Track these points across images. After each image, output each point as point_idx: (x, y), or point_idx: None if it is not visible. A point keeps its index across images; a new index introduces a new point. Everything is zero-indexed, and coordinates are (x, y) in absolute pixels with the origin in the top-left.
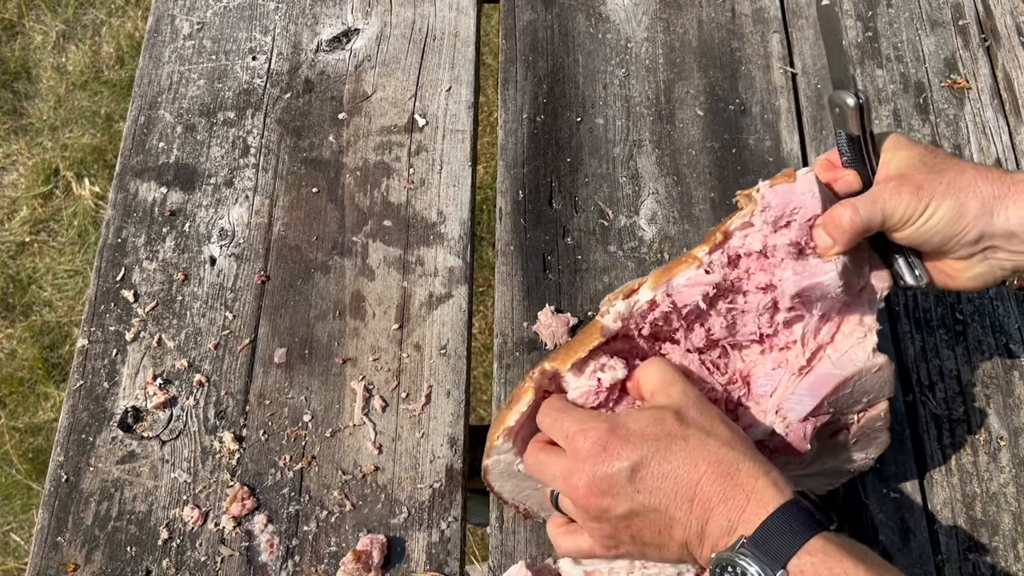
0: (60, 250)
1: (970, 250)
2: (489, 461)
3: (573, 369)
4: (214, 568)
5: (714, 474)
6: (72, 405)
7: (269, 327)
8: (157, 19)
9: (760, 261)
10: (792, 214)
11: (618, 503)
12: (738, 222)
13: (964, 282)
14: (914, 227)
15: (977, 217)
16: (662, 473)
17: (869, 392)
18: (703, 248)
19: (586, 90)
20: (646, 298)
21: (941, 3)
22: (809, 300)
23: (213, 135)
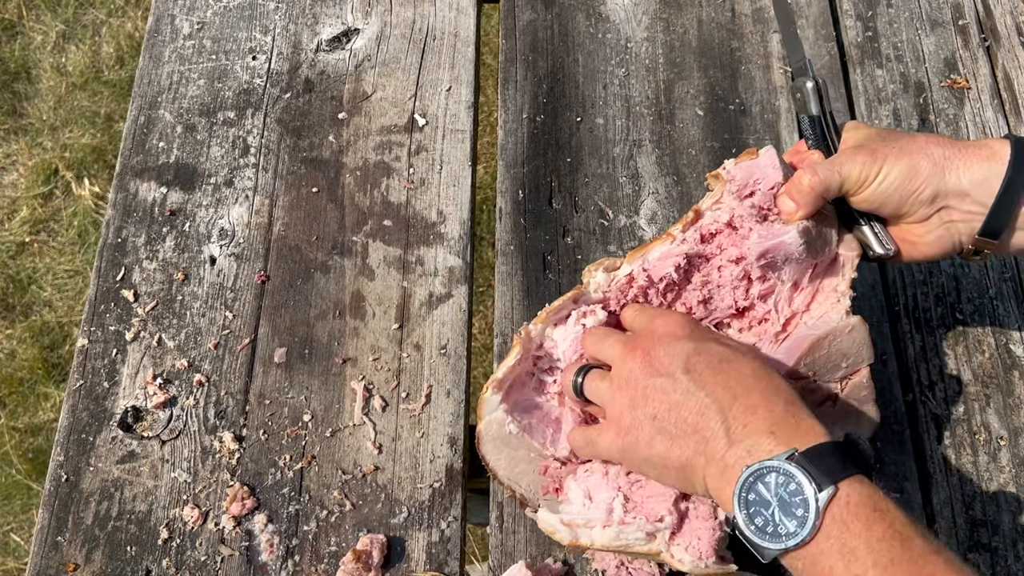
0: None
1: (927, 211)
2: (482, 424)
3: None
4: (214, 568)
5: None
6: (72, 405)
7: (269, 327)
8: (157, 19)
9: (731, 236)
10: (755, 184)
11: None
12: (709, 201)
13: (925, 248)
14: (871, 189)
15: (929, 176)
16: (720, 368)
17: (847, 355)
18: (677, 227)
19: (586, 90)
20: (624, 272)
21: (941, 3)
22: (775, 264)
23: (213, 135)
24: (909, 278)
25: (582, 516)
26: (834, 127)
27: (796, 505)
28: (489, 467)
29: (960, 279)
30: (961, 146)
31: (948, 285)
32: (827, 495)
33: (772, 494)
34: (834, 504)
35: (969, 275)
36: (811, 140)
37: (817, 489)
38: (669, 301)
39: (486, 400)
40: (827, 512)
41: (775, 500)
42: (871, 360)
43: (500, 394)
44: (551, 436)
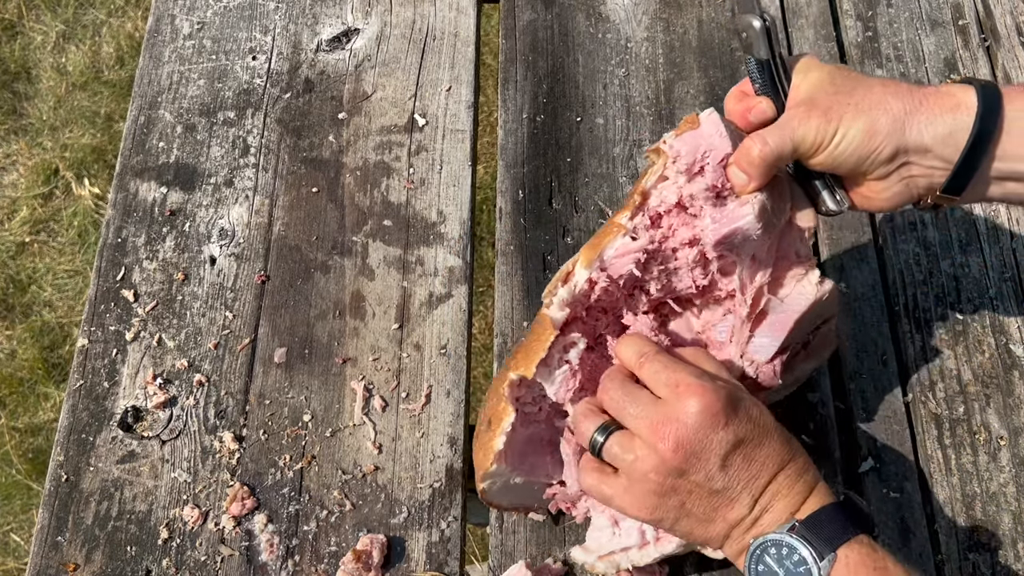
0: (60, 250)
1: (886, 168)
2: (485, 484)
3: (540, 369)
4: (214, 568)
5: (791, 470)
6: (72, 405)
7: (269, 327)
8: (157, 19)
9: (681, 216)
10: (704, 158)
11: (699, 469)
12: (652, 179)
13: (880, 203)
14: (827, 152)
15: (889, 134)
16: (753, 457)
17: (822, 314)
18: (624, 214)
19: (586, 90)
20: (583, 278)
21: (941, 3)
22: (733, 246)
23: (213, 135)
24: (909, 278)
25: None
26: (784, 70)
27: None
28: (493, 505)
29: (960, 279)
30: (921, 96)
31: (948, 285)
32: (828, 563)
33: (778, 565)
34: (836, 570)
35: (969, 275)
36: (758, 85)
37: (818, 558)
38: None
39: (490, 471)
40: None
41: (782, 571)
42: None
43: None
44: (550, 464)
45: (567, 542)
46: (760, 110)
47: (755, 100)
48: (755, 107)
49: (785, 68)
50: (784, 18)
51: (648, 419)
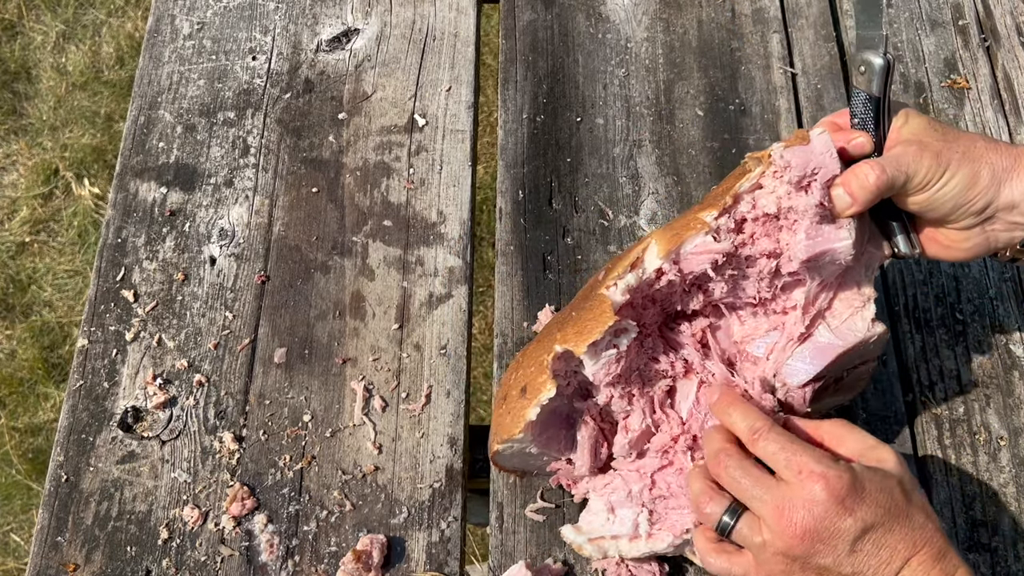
0: (60, 250)
1: (974, 220)
2: (502, 447)
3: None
4: (214, 568)
5: (926, 555)
6: (72, 405)
7: (269, 327)
8: (157, 19)
9: (766, 227)
10: (813, 174)
11: (827, 554)
12: (747, 184)
13: (959, 253)
14: (930, 192)
15: (987, 187)
16: (883, 543)
17: (864, 355)
18: (710, 212)
19: (586, 90)
20: (653, 267)
21: (941, 3)
22: (816, 266)
23: (213, 135)
24: (909, 278)
25: (607, 530)
26: (888, 112)
27: None
28: (499, 467)
29: (960, 279)
30: (1016, 155)
31: (948, 285)
32: None
33: None
34: None
35: (969, 275)
36: (858, 119)
37: None
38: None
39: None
40: None
41: None
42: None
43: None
44: (563, 440)
45: (567, 542)
46: (860, 144)
47: (853, 134)
48: (855, 140)
49: (890, 111)
50: (784, 18)
51: (773, 504)
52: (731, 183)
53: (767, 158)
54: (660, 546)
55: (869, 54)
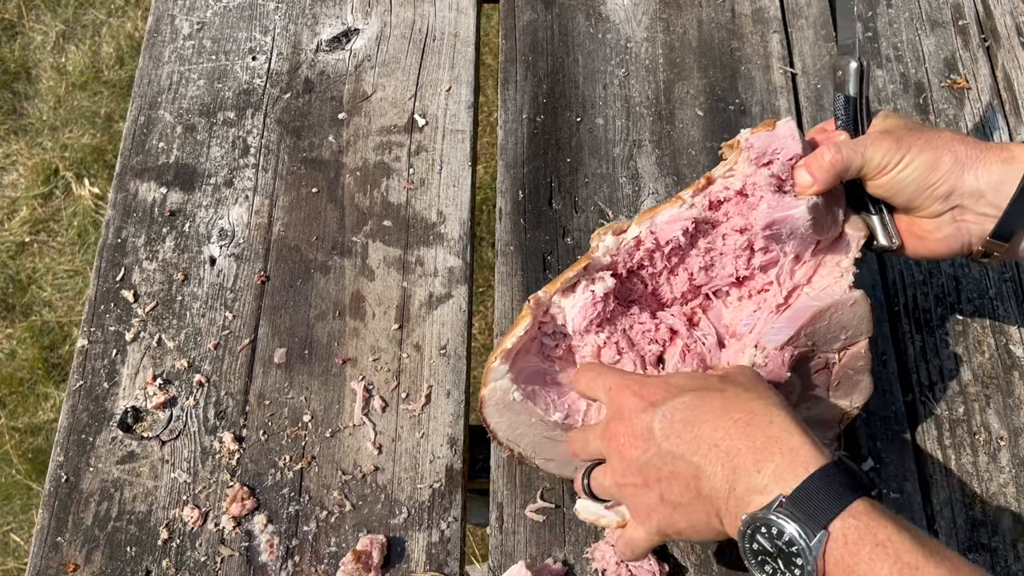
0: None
1: (940, 207)
2: (486, 390)
3: (565, 292)
4: (214, 568)
5: (744, 423)
6: (72, 405)
7: (269, 327)
8: (157, 19)
9: (738, 205)
10: (774, 153)
11: (648, 447)
12: (722, 169)
13: (934, 244)
14: (890, 175)
15: (949, 172)
16: (690, 419)
17: (847, 327)
18: (688, 191)
19: (586, 90)
20: (632, 235)
21: (941, 3)
22: (780, 236)
23: (213, 135)
24: (909, 278)
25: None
26: (867, 112)
27: (794, 555)
28: (489, 428)
29: (960, 279)
30: (984, 147)
31: (948, 285)
32: (820, 541)
33: (771, 545)
34: (831, 547)
35: (969, 275)
36: (840, 120)
37: (809, 537)
38: (672, 265)
39: (493, 368)
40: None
41: (775, 550)
42: (870, 333)
43: (507, 364)
44: (554, 401)
45: (567, 542)
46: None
47: (834, 133)
48: (832, 136)
49: (868, 112)
50: (784, 18)
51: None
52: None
53: (737, 144)
54: None
55: (846, 58)
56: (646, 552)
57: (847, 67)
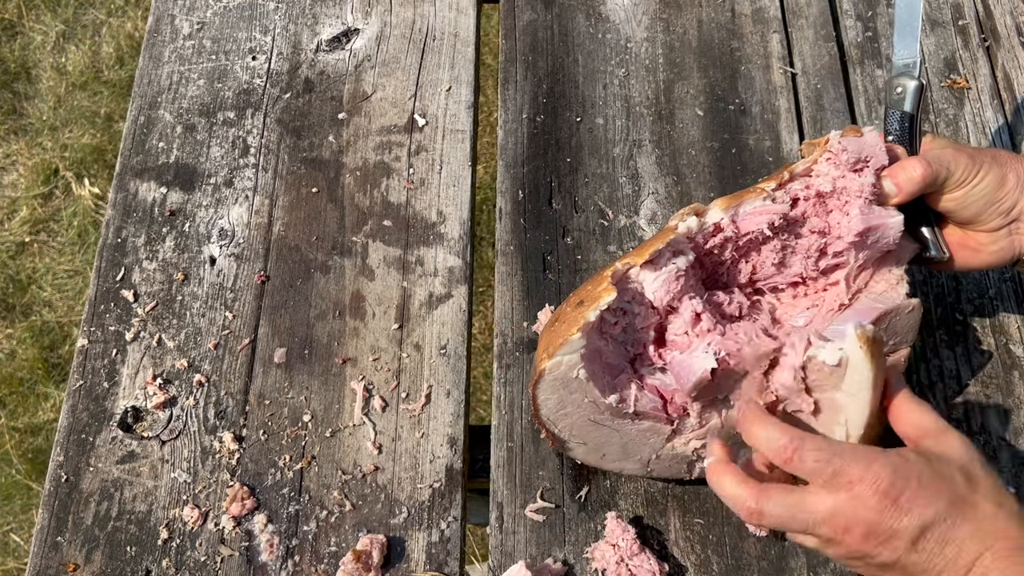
0: (60, 250)
1: (1001, 221)
2: (550, 363)
3: (647, 265)
4: (214, 568)
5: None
6: (72, 405)
7: (269, 327)
8: (157, 19)
9: (817, 207)
10: (865, 161)
11: (890, 553)
12: (802, 166)
13: (987, 256)
14: (966, 189)
15: (1014, 188)
16: (948, 539)
17: (898, 333)
18: (770, 183)
19: (586, 90)
20: (714, 219)
21: (941, 3)
22: (864, 244)
23: (213, 135)
24: (909, 278)
25: None
26: (919, 127)
27: None
28: (536, 403)
29: (960, 279)
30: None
31: (948, 285)
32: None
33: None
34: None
35: (969, 275)
36: (894, 136)
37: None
38: (739, 256)
39: (569, 341)
40: None
41: None
42: (915, 341)
43: (586, 338)
44: (609, 383)
45: (567, 542)
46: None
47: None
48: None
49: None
50: (784, 18)
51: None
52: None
53: (824, 143)
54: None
55: (904, 78)
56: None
57: (907, 85)
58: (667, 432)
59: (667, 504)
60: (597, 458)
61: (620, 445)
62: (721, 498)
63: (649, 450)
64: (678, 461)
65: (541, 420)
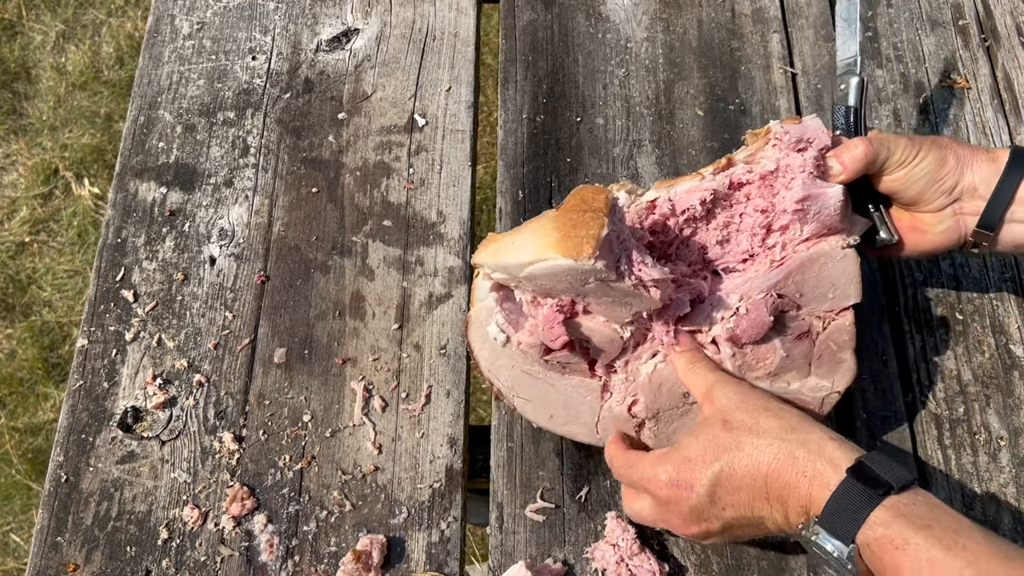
0: (60, 250)
1: (944, 200)
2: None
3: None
4: (214, 568)
5: (775, 471)
6: (72, 405)
7: (269, 327)
8: (157, 19)
9: (761, 188)
10: (808, 141)
11: (713, 524)
12: (743, 154)
13: (934, 238)
14: (907, 168)
15: (953, 169)
16: (734, 487)
17: (836, 284)
18: (708, 169)
19: (586, 90)
20: (648, 197)
21: (941, 3)
22: (807, 216)
23: (213, 135)
24: (909, 278)
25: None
26: (864, 123)
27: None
28: (473, 356)
29: (960, 279)
30: (975, 149)
31: (948, 285)
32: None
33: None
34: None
35: (969, 275)
36: (840, 130)
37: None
38: (686, 236)
39: (477, 286)
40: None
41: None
42: (858, 298)
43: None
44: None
45: (567, 542)
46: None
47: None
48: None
49: (865, 123)
50: (784, 18)
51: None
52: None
53: (766, 132)
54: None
55: (848, 76)
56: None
57: (849, 81)
58: (597, 388)
59: None
60: (546, 418)
61: (561, 403)
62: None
63: (589, 410)
64: (625, 428)
65: (485, 376)
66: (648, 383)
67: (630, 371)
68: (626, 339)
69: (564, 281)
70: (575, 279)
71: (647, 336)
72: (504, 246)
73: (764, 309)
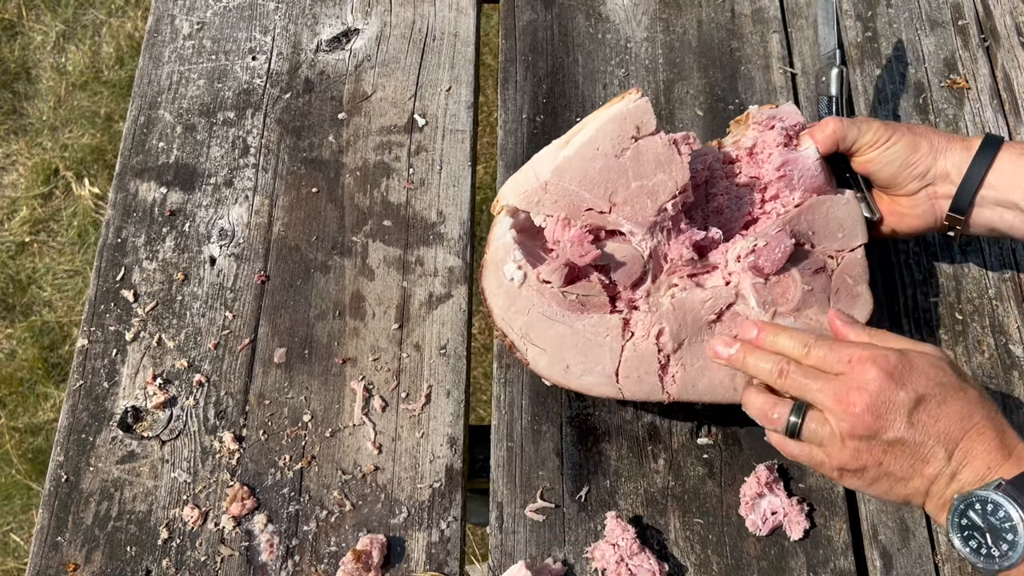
0: (60, 250)
1: (917, 184)
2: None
3: None
4: (214, 568)
5: (984, 428)
6: (72, 405)
7: (269, 327)
8: (157, 19)
9: (748, 163)
10: (779, 121)
11: (890, 428)
12: (729, 139)
13: (912, 220)
14: (879, 151)
15: (926, 154)
16: (939, 414)
17: (843, 226)
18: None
19: (586, 90)
20: None
21: (941, 3)
22: (792, 181)
23: (213, 135)
24: (909, 278)
25: None
26: (846, 111)
27: (1006, 531)
28: (487, 304)
29: (960, 279)
30: (951, 137)
31: (948, 285)
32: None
33: (982, 520)
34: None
35: (969, 275)
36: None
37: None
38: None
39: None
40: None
41: (986, 526)
42: (864, 239)
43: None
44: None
45: (567, 542)
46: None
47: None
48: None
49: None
50: (784, 18)
51: (832, 393)
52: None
53: (747, 117)
54: None
55: (828, 66)
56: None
57: (830, 72)
58: (618, 325)
59: (667, 504)
60: (562, 370)
61: (579, 348)
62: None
63: (609, 353)
64: (648, 372)
65: (498, 325)
66: (672, 311)
67: (651, 303)
68: (646, 259)
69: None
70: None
71: (663, 268)
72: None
73: (784, 236)
